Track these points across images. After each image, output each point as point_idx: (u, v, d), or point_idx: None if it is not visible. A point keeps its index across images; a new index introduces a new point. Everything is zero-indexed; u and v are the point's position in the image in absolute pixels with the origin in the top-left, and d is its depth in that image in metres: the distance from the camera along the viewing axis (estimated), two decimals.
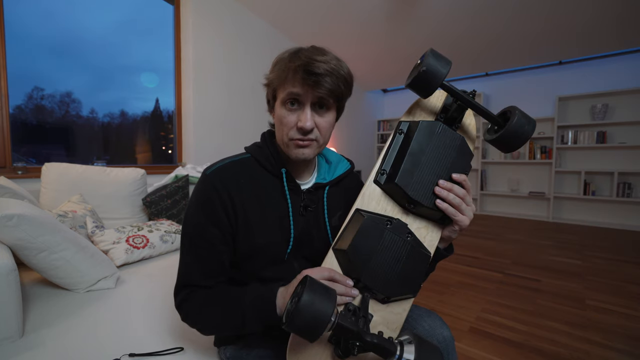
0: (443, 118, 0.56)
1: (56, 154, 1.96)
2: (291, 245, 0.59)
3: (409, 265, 0.50)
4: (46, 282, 1.01)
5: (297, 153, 0.57)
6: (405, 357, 0.40)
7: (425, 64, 0.48)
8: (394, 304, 0.51)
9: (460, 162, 0.53)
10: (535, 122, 0.51)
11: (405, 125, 0.56)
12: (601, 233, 3.52)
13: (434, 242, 0.54)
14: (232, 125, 2.73)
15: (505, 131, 0.50)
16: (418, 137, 0.52)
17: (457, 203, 0.52)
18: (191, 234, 0.57)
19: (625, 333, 1.41)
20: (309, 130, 0.54)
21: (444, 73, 0.48)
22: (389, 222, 0.52)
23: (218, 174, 0.58)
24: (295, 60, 0.52)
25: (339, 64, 0.54)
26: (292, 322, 0.38)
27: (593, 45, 3.53)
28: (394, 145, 0.55)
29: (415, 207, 0.52)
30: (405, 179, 0.51)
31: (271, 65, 0.58)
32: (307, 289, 0.39)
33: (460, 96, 0.52)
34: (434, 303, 1.69)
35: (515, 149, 0.52)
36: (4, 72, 1.61)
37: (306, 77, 0.51)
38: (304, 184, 0.65)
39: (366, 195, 0.55)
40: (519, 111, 0.51)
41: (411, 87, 0.51)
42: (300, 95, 0.53)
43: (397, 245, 0.50)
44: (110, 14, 2.12)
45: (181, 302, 0.58)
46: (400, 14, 2.86)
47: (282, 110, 0.56)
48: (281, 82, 0.55)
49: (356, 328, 0.42)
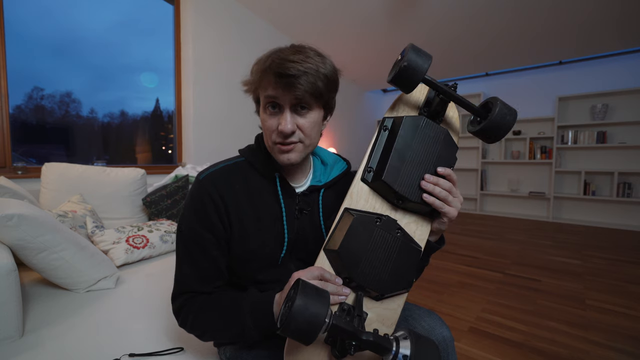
0: (427, 112, 0.56)
1: (56, 154, 1.96)
2: (285, 249, 0.59)
3: (400, 261, 0.50)
4: (46, 282, 1.01)
5: (283, 158, 0.56)
6: (402, 352, 0.40)
7: (407, 60, 0.48)
8: (388, 300, 0.51)
9: (445, 155, 0.53)
10: (517, 112, 0.51)
11: (390, 121, 0.56)
12: (601, 233, 3.52)
13: (424, 236, 0.55)
14: (232, 126, 2.73)
15: (487, 122, 0.51)
16: (403, 132, 0.52)
17: (443, 196, 0.52)
18: (185, 239, 0.57)
19: (625, 333, 1.41)
20: (288, 134, 0.53)
21: (425, 68, 0.48)
22: (378, 219, 0.52)
23: (211, 179, 0.58)
24: (268, 62, 0.51)
25: (317, 61, 0.51)
26: (286, 327, 0.38)
27: (593, 45, 3.53)
28: (379, 142, 0.55)
29: (404, 202, 0.53)
30: (392, 175, 0.51)
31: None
32: (300, 293, 0.39)
33: (442, 90, 0.52)
34: (433, 303, 1.69)
35: (498, 139, 0.52)
36: (4, 72, 1.61)
37: (279, 80, 0.49)
38: (298, 186, 0.64)
39: (354, 193, 0.55)
40: (500, 102, 0.51)
41: (393, 83, 0.51)
42: (277, 98, 0.52)
43: (388, 242, 0.51)
44: (110, 13, 2.12)
45: (179, 309, 0.58)
46: (400, 14, 2.86)
47: (264, 115, 0.56)
48: (257, 85, 0.54)
49: (351, 328, 0.42)
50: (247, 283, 0.60)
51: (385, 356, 0.42)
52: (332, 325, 0.40)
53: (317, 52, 0.54)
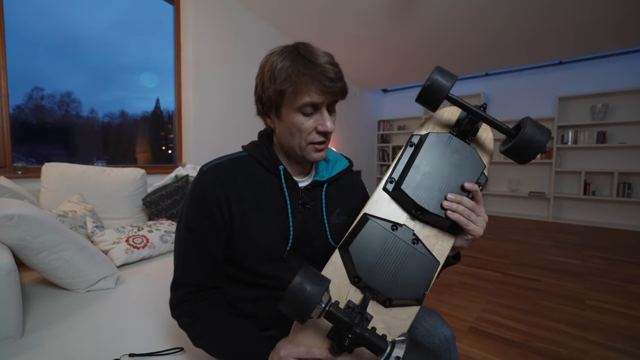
0: (456, 132, 0.58)
1: (56, 154, 1.96)
2: (290, 243, 0.59)
3: (411, 269, 0.51)
4: (46, 282, 1.01)
5: (317, 157, 0.59)
6: (395, 354, 0.41)
7: (430, 79, 0.51)
8: (398, 309, 0.51)
9: (469, 172, 0.54)
10: (550, 132, 0.51)
11: (417, 138, 0.58)
12: (601, 233, 3.52)
13: (445, 252, 0.55)
14: (232, 125, 2.73)
15: (516, 140, 0.51)
16: (426, 146, 0.55)
17: (467, 214, 0.52)
18: (184, 229, 0.57)
19: (625, 333, 1.41)
20: (331, 132, 0.56)
21: (448, 86, 0.51)
22: (394, 226, 0.53)
23: (215, 171, 0.58)
24: (311, 68, 0.52)
25: (334, 60, 0.55)
26: (283, 301, 0.42)
27: (593, 45, 3.53)
28: (404, 157, 0.57)
29: (422, 213, 0.53)
30: (411, 185, 0.53)
31: (267, 70, 0.55)
32: (300, 273, 0.44)
33: (468, 108, 0.53)
34: (434, 303, 1.69)
35: (529, 158, 0.52)
36: (4, 72, 1.61)
37: (330, 85, 0.52)
38: (301, 181, 0.65)
39: (374, 201, 0.56)
40: (530, 121, 0.51)
41: (419, 102, 0.54)
42: (320, 102, 0.54)
43: (401, 249, 0.52)
44: (110, 13, 2.12)
45: (177, 303, 0.58)
46: (400, 14, 2.86)
47: (298, 117, 0.55)
48: (297, 90, 0.53)
49: (348, 319, 0.44)
50: (248, 277, 0.60)
51: (379, 355, 0.43)
52: (328, 311, 0.44)
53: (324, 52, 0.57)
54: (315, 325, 0.50)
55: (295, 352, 0.49)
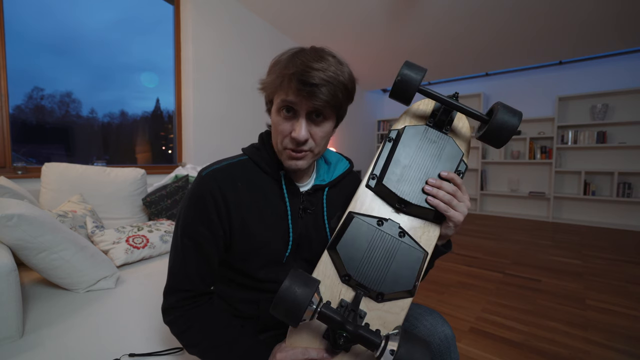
0: (432, 123, 0.59)
1: (56, 154, 1.96)
2: (290, 248, 0.59)
3: (400, 262, 0.52)
4: (46, 282, 1.01)
5: (290, 164, 0.56)
6: (390, 347, 0.42)
7: (400, 74, 0.52)
8: (391, 303, 0.52)
9: (448, 161, 0.55)
10: (522, 114, 0.52)
11: (394, 133, 0.59)
12: (601, 233, 3.52)
13: (432, 241, 0.55)
14: (232, 125, 2.73)
15: (489, 126, 0.52)
16: (404, 140, 0.56)
17: (447, 200, 0.52)
18: (180, 233, 0.57)
19: (625, 333, 1.41)
20: (302, 142, 0.53)
21: (418, 79, 0.52)
22: (379, 221, 0.54)
23: (214, 175, 0.57)
24: (291, 67, 0.49)
25: (338, 69, 0.51)
26: (274, 305, 0.43)
27: (593, 45, 3.53)
28: (383, 152, 0.58)
29: (406, 206, 0.54)
30: (392, 178, 0.54)
31: (270, 64, 0.56)
32: (288, 277, 0.44)
33: (439, 98, 0.54)
34: (434, 303, 1.69)
35: (503, 142, 0.53)
36: (4, 72, 1.61)
37: (301, 88, 0.48)
38: (302, 185, 0.64)
39: (358, 199, 0.57)
40: (501, 105, 0.52)
41: (392, 97, 0.55)
42: (295, 104, 0.51)
43: (388, 244, 0.52)
44: (110, 12, 2.12)
45: (170, 309, 0.57)
46: (400, 13, 2.87)
47: (277, 117, 0.55)
48: (275, 88, 0.53)
49: (340, 318, 0.44)
50: (249, 281, 0.60)
51: (374, 351, 0.43)
52: (320, 312, 0.44)
53: (338, 59, 0.53)
54: (311, 326, 0.50)
55: (291, 354, 0.49)
